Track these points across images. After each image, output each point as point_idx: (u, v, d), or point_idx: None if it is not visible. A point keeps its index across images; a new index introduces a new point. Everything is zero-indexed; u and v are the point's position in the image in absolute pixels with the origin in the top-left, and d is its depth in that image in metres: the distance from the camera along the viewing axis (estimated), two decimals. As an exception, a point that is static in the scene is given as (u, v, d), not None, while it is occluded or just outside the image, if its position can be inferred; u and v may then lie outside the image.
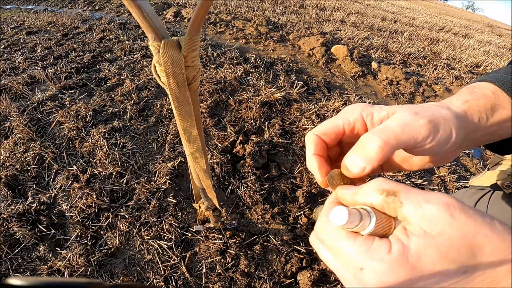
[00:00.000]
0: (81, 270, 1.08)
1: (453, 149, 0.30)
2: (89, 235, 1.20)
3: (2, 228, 1.20)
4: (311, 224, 1.32)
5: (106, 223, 1.24)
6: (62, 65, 2.51)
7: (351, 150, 0.29)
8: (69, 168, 1.48)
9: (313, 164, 0.31)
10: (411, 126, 0.27)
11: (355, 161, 0.28)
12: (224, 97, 2.09)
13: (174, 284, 1.07)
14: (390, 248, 0.23)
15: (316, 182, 1.51)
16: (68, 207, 1.31)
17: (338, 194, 0.28)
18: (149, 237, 1.20)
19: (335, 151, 0.35)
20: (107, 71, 2.41)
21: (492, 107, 0.32)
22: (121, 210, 1.30)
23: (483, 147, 2.14)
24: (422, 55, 3.96)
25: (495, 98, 0.33)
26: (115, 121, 1.79)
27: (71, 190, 1.38)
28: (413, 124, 0.27)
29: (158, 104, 2.00)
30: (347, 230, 0.25)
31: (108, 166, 1.48)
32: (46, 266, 1.09)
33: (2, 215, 1.23)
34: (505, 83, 0.34)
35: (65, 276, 1.07)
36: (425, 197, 0.23)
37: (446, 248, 0.22)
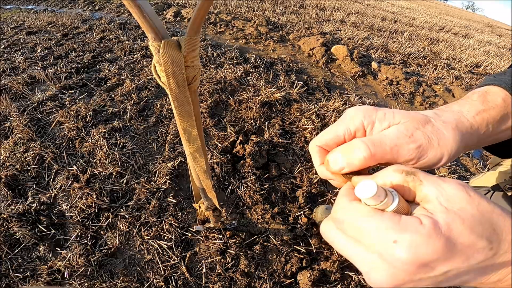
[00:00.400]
0: (81, 270, 1.08)
1: (445, 163, 0.31)
2: (89, 235, 1.20)
3: (2, 228, 1.20)
4: (311, 224, 1.32)
5: (106, 223, 1.24)
6: (62, 65, 2.51)
7: (338, 147, 0.30)
8: (69, 168, 1.48)
9: (325, 173, 0.33)
10: (400, 148, 0.28)
11: (337, 160, 0.30)
12: (224, 97, 2.09)
13: (174, 284, 1.07)
14: (421, 221, 0.23)
15: (316, 182, 1.51)
16: (68, 207, 1.31)
17: (354, 180, 0.29)
18: (149, 237, 1.20)
19: None
20: (107, 71, 2.41)
21: (501, 117, 0.32)
22: (121, 210, 1.30)
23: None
24: (422, 55, 3.97)
25: (505, 106, 0.33)
26: (115, 121, 1.79)
27: (71, 190, 1.38)
28: (403, 147, 0.28)
29: (158, 104, 2.00)
30: (371, 207, 0.25)
31: (108, 166, 1.48)
32: (46, 266, 1.09)
33: (2, 215, 1.23)
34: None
35: (65, 276, 1.07)
36: (442, 178, 0.25)
37: (471, 222, 0.22)
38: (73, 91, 2.13)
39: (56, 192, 1.38)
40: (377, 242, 0.23)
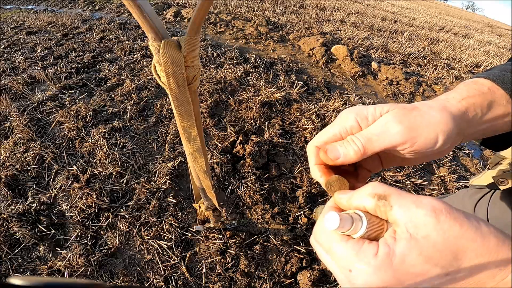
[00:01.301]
0: (81, 270, 1.08)
1: (445, 148, 0.31)
2: (89, 235, 1.20)
3: (2, 228, 1.20)
4: (311, 224, 1.32)
5: (106, 223, 1.24)
6: (62, 65, 2.51)
7: (338, 141, 0.33)
8: (69, 168, 1.48)
9: (316, 173, 0.34)
10: (387, 132, 0.30)
11: (334, 150, 0.32)
12: (224, 97, 2.09)
13: (174, 284, 1.07)
14: (377, 251, 0.24)
15: (316, 182, 1.51)
16: (68, 207, 1.31)
17: (336, 198, 0.30)
18: (149, 237, 1.20)
19: None
20: (107, 71, 2.41)
21: (488, 104, 0.33)
22: (121, 210, 1.30)
23: (481, 147, 2.14)
24: (422, 55, 3.97)
25: (491, 94, 0.34)
26: (115, 121, 1.79)
27: (71, 190, 1.38)
28: (390, 130, 0.30)
29: (158, 104, 2.00)
30: (340, 233, 0.27)
31: (108, 166, 1.48)
32: (46, 266, 1.09)
33: (2, 215, 1.23)
34: (501, 79, 0.35)
35: (65, 276, 1.07)
36: (415, 200, 0.25)
37: (429, 252, 0.23)
38: (73, 91, 2.13)
39: (56, 192, 1.38)
40: (340, 267, 0.26)
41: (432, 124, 0.30)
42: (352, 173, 0.37)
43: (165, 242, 1.18)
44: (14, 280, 0.15)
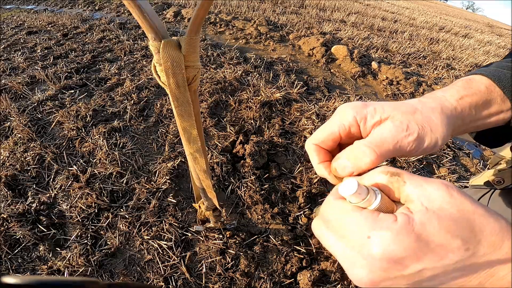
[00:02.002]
0: (81, 270, 1.08)
1: (439, 147, 0.32)
2: (89, 235, 1.20)
3: (2, 228, 1.20)
4: (311, 224, 1.32)
5: (106, 223, 1.24)
6: (62, 65, 2.51)
7: (342, 153, 0.31)
8: (69, 168, 1.48)
9: (323, 171, 0.33)
10: (400, 143, 0.30)
11: (346, 167, 0.30)
12: (224, 97, 2.09)
13: (174, 284, 1.07)
14: (396, 218, 0.23)
15: (316, 182, 1.51)
16: (68, 207, 1.31)
17: (345, 179, 0.29)
18: (149, 237, 1.20)
19: (336, 151, 0.36)
20: (107, 71, 2.41)
21: (484, 103, 0.34)
22: (121, 210, 1.30)
23: (481, 146, 2.14)
24: (422, 55, 3.96)
25: (488, 93, 0.34)
26: (115, 121, 1.79)
27: (71, 190, 1.38)
28: (403, 141, 0.30)
29: (158, 104, 2.00)
30: (353, 205, 0.26)
31: (108, 166, 1.48)
32: (46, 266, 1.09)
33: (2, 215, 1.23)
34: (498, 77, 0.35)
35: (65, 276, 1.07)
36: (425, 179, 0.25)
37: (448, 222, 0.22)
38: (73, 91, 2.13)
39: (56, 192, 1.38)
40: (356, 238, 0.24)
41: (434, 130, 0.30)
42: None
43: (165, 242, 1.18)
44: (8, 279, 0.15)
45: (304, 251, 1.19)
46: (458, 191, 0.23)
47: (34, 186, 1.40)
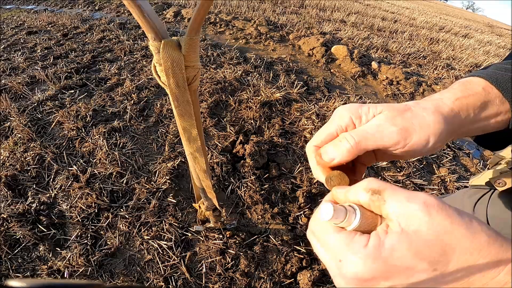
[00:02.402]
0: (81, 270, 1.08)
1: (436, 146, 0.32)
2: (89, 235, 1.20)
3: (2, 228, 1.20)
4: (311, 224, 1.32)
5: (106, 223, 1.24)
6: (62, 65, 2.51)
7: (331, 142, 0.34)
8: (69, 168, 1.48)
9: (319, 174, 0.35)
10: (382, 132, 0.31)
11: (328, 152, 0.33)
12: (224, 97, 2.09)
13: (174, 284, 1.07)
14: (367, 243, 0.25)
15: (316, 182, 1.51)
16: (68, 207, 1.31)
17: (333, 192, 0.31)
18: (149, 237, 1.20)
19: None
20: (107, 71, 2.41)
21: (481, 105, 0.34)
22: (121, 210, 1.30)
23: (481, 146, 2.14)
24: (422, 55, 3.96)
25: (485, 95, 0.34)
26: (115, 121, 1.79)
27: (71, 190, 1.38)
28: (385, 131, 0.31)
29: (158, 104, 2.00)
30: (334, 225, 0.28)
31: (108, 166, 1.48)
32: (46, 266, 1.09)
33: (2, 215, 1.23)
34: (496, 78, 0.35)
35: (65, 276, 1.07)
36: (407, 196, 0.25)
37: (418, 245, 0.23)
38: (73, 91, 2.13)
39: (56, 192, 1.38)
40: (334, 256, 0.26)
41: (424, 126, 0.31)
42: (350, 168, 0.38)
43: (165, 242, 1.18)
44: (13, 283, 0.15)
45: (304, 251, 1.19)
46: (439, 210, 0.24)
47: (34, 186, 1.40)
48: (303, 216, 1.34)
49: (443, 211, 0.24)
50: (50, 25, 3.72)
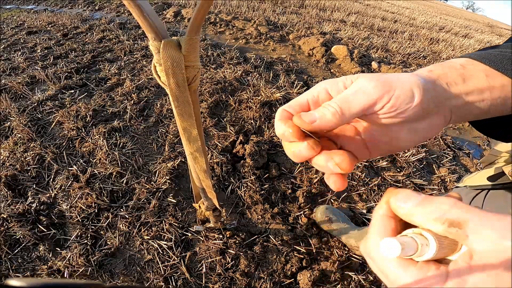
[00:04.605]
0: (81, 270, 1.08)
1: (427, 112, 0.29)
2: (89, 235, 1.20)
3: (2, 228, 1.20)
4: (311, 224, 1.32)
5: (106, 223, 1.24)
6: (62, 65, 2.51)
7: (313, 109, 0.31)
8: (69, 168, 1.48)
9: (282, 126, 0.31)
10: (363, 91, 0.28)
11: (309, 114, 0.29)
12: (224, 97, 2.09)
13: (174, 284, 1.07)
14: (445, 281, 0.21)
15: (316, 182, 1.51)
16: (68, 207, 1.31)
17: (392, 204, 0.26)
18: (149, 237, 1.20)
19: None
20: (107, 71, 2.41)
21: (461, 76, 0.31)
22: (121, 210, 1.30)
23: (481, 146, 2.14)
24: (422, 55, 3.96)
25: (464, 69, 0.31)
26: (115, 121, 1.79)
27: (71, 190, 1.38)
28: (365, 89, 0.28)
29: (158, 104, 2.00)
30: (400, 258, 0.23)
31: (108, 166, 1.48)
32: (46, 266, 1.09)
33: (2, 215, 1.23)
34: (477, 55, 0.33)
35: (65, 276, 1.07)
36: (501, 230, 0.19)
37: None
38: (73, 91, 2.13)
39: (56, 192, 1.38)
40: None
41: (404, 80, 0.29)
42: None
43: (165, 242, 1.18)
44: (13, 282, 0.15)
45: (304, 251, 1.19)
46: None
47: (34, 186, 1.40)
48: (303, 216, 1.34)
49: None
50: (50, 25, 3.72)
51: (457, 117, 0.32)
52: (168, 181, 1.43)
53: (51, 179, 1.45)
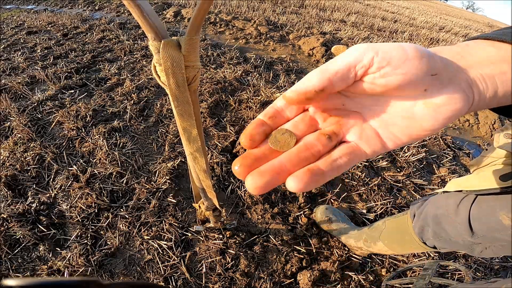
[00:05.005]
0: (81, 270, 1.08)
1: (436, 79, 0.26)
2: (89, 235, 1.20)
3: (2, 228, 1.20)
4: (311, 224, 1.32)
5: (106, 223, 1.24)
6: (62, 65, 2.51)
7: None
8: (69, 168, 1.48)
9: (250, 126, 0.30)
10: (349, 51, 0.27)
11: (294, 86, 0.28)
12: (224, 97, 2.08)
13: (174, 284, 1.07)
14: None
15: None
16: (68, 207, 1.31)
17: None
18: (149, 237, 1.20)
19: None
20: (107, 71, 2.41)
21: (462, 52, 0.28)
22: (121, 210, 1.30)
23: (481, 146, 2.14)
24: (422, 55, 3.96)
25: (461, 48, 0.29)
26: (115, 121, 1.79)
27: (71, 190, 1.38)
28: (351, 50, 0.27)
29: (158, 104, 2.00)
30: None
31: (108, 166, 1.48)
32: (46, 266, 1.09)
33: (2, 215, 1.23)
34: (478, 35, 0.31)
35: (65, 276, 1.07)
36: None
37: None
38: (73, 91, 2.13)
39: (56, 192, 1.38)
40: None
41: (392, 44, 0.26)
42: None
43: (165, 242, 1.18)
44: (9, 281, 0.15)
45: (304, 251, 1.19)
46: None
47: (34, 186, 1.40)
48: (303, 216, 1.34)
49: None
50: (50, 25, 3.72)
51: (481, 97, 0.27)
52: (168, 181, 1.43)
53: (51, 179, 1.45)
